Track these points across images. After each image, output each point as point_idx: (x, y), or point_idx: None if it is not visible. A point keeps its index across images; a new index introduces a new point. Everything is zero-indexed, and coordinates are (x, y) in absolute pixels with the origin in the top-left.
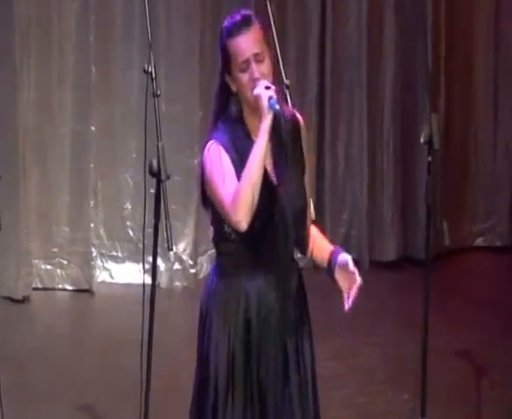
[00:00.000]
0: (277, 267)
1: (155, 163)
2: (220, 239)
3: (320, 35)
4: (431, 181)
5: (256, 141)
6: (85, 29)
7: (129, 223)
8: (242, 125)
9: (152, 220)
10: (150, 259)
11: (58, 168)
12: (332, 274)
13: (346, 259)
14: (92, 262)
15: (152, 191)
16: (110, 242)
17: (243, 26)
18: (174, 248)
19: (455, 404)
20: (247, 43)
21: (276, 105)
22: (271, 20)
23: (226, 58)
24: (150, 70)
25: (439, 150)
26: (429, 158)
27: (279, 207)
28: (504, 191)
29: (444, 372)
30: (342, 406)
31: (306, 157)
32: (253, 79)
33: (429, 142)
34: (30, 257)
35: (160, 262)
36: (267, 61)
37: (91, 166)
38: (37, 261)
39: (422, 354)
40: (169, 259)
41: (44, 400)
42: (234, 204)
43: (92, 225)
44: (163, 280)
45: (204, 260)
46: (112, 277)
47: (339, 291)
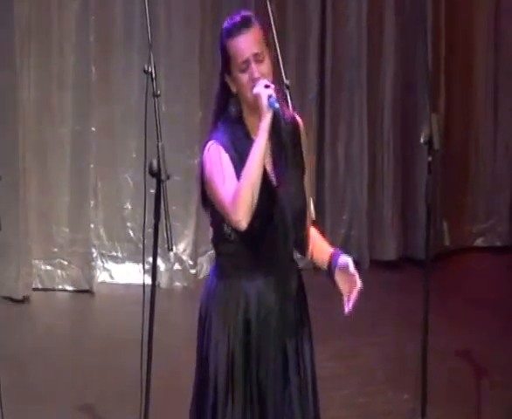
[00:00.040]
0: (277, 268)
1: (155, 163)
2: (220, 240)
3: (320, 35)
4: (431, 181)
5: (256, 140)
6: (85, 29)
7: (129, 224)
8: (242, 125)
9: (152, 220)
10: (150, 260)
11: (58, 168)
12: (332, 276)
13: (346, 261)
14: (92, 262)
15: (152, 191)
16: (110, 242)
17: (243, 27)
18: (174, 248)
19: (455, 404)
20: (247, 43)
21: (276, 103)
22: (271, 20)
23: (226, 59)
24: (150, 70)
25: (439, 150)
26: (429, 158)
27: (278, 207)
28: (504, 191)
29: (444, 372)
30: (343, 406)
31: (305, 160)
32: (253, 79)
33: (429, 142)
34: (30, 257)
35: (160, 262)
36: (267, 61)
37: (91, 166)
38: (37, 261)
39: (422, 354)
40: (169, 260)
41: (44, 400)
42: (234, 203)
43: (92, 225)
44: (163, 280)
45: (204, 261)
46: (112, 277)
47: (339, 293)
